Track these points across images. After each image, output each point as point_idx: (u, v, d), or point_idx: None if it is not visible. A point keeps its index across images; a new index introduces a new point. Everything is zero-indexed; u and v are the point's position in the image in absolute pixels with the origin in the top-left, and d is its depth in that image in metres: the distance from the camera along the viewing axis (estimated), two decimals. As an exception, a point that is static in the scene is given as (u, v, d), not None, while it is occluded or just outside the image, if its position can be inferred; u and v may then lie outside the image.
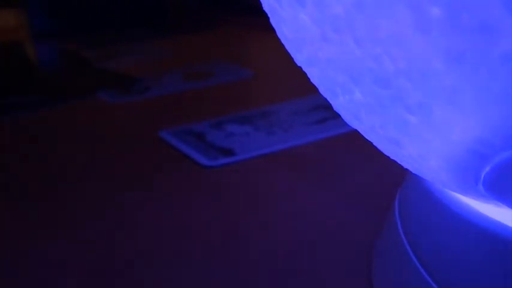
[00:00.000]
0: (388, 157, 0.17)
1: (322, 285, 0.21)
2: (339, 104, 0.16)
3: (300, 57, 0.16)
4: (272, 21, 0.16)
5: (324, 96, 0.16)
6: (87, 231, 0.25)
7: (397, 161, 0.17)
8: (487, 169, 0.13)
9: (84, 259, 0.23)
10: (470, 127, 0.13)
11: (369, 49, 0.13)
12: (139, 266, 0.22)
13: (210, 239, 0.24)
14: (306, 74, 0.16)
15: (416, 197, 0.19)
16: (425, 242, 0.18)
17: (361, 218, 0.25)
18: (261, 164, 0.31)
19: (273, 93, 0.42)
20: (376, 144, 0.16)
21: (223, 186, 0.29)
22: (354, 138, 0.19)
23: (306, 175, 0.29)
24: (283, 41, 0.16)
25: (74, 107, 0.40)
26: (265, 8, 0.16)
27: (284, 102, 0.39)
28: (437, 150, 0.14)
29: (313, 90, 0.17)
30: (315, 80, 0.16)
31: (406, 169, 0.17)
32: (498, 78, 0.11)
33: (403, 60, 0.12)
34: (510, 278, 0.15)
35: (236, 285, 0.21)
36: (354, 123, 0.16)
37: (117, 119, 0.38)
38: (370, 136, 0.16)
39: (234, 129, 0.35)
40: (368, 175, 0.29)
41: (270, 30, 0.17)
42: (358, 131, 0.17)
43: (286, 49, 0.16)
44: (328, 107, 0.17)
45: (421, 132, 0.14)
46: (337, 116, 0.17)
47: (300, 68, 0.16)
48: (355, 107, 0.15)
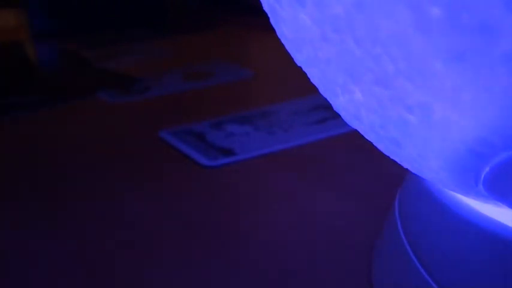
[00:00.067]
0: (388, 157, 0.17)
1: (322, 285, 0.21)
2: (339, 104, 0.16)
3: (300, 57, 0.16)
4: (272, 21, 0.16)
5: (324, 96, 0.16)
6: (87, 231, 0.25)
7: (397, 161, 0.17)
8: (487, 169, 0.13)
9: (84, 259, 0.23)
10: (470, 127, 0.13)
11: (369, 49, 0.13)
12: (139, 266, 0.22)
13: (210, 239, 0.24)
14: (306, 74, 0.16)
15: (416, 197, 0.19)
16: (425, 242, 0.18)
17: (361, 218, 0.25)
18: (261, 164, 0.31)
19: (273, 93, 0.42)
20: (376, 144, 0.16)
21: (223, 186, 0.29)
22: (354, 138, 0.19)
23: (306, 175, 0.29)
24: (283, 41, 0.16)
25: (74, 107, 0.40)
26: (265, 8, 0.16)
27: (284, 102, 0.39)
28: (437, 150, 0.14)
29: (313, 90, 0.17)
30: (315, 80, 0.16)
31: (406, 169, 0.17)
32: (498, 78, 0.11)
33: (403, 60, 0.12)
34: (510, 278, 0.15)
35: (236, 285, 0.21)
36: (354, 123, 0.16)
37: (117, 119, 0.38)
38: (370, 136, 0.16)
39: (234, 129, 0.35)
40: (368, 175, 0.29)
41: (270, 30, 0.17)
42: (358, 131, 0.17)
43: (286, 49, 0.16)
44: (328, 107, 0.17)
45: (421, 132, 0.14)
46: (337, 116, 0.17)
47: (300, 68, 0.16)
48: (355, 107, 0.15)
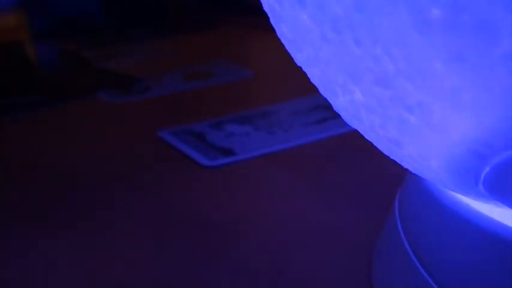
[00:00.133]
0: (388, 157, 0.17)
1: (322, 285, 0.21)
2: (339, 104, 0.16)
3: (300, 57, 0.16)
4: (272, 21, 0.16)
5: (324, 96, 0.16)
6: (87, 231, 0.25)
7: (397, 161, 0.17)
8: (487, 169, 0.13)
9: (83, 259, 0.23)
10: (470, 127, 0.13)
11: (369, 49, 0.13)
12: (138, 266, 0.22)
13: (210, 239, 0.24)
14: (306, 74, 0.16)
15: (416, 197, 0.19)
16: (425, 242, 0.18)
17: (361, 218, 0.25)
18: (261, 164, 0.31)
19: (273, 93, 0.42)
20: (376, 144, 0.16)
21: (223, 186, 0.29)
22: (354, 138, 0.19)
23: (306, 175, 0.29)
24: (283, 41, 0.16)
25: (74, 107, 0.40)
26: (265, 8, 0.16)
27: (284, 102, 0.39)
28: (437, 150, 0.14)
29: (313, 90, 0.17)
30: (315, 80, 0.16)
31: (406, 169, 0.17)
32: (498, 78, 0.11)
33: (403, 60, 0.12)
34: (510, 278, 0.15)
35: (236, 285, 0.21)
36: (354, 123, 0.16)
37: (117, 119, 0.38)
38: (370, 136, 0.16)
39: (234, 129, 0.35)
40: (368, 175, 0.29)
41: (270, 30, 0.17)
42: (358, 131, 0.17)
43: (286, 49, 0.16)
44: (328, 107, 0.17)
45: (421, 132, 0.14)
46: (337, 116, 0.17)
47: (300, 68, 0.16)
48: (355, 107, 0.15)
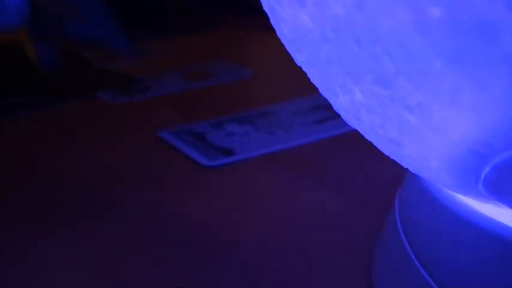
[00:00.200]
0: (388, 157, 0.17)
1: (322, 285, 0.21)
2: (339, 104, 0.16)
3: (300, 57, 0.16)
4: (272, 21, 0.16)
5: (324, 96, 0.16)
6: (86, 231, 0.25)
7: (397, 161, 0.17)
8: (487, 169, 0.13)
9: (82, 258, 0.23)
10: (470, 127, 0.13)
11: (369, 49, 0.13)
12: (138, 266, 0.22)
13: (210, 239, 0.24)
14: (306, 74, 0.16)
15: (416, 197, 0.19)
16: (425, 242, 0.18)
17: (361, 218, 0.25)
18: (261, 164, 0.31)
19: (273, 93, 0.42)
20: (376, 144, 0.16)
21: (223, 186, 0.29)
22: (354, 138, 0.19)
23: (306, 175, 0.29)
24: (283, 41, 0.16)
25: (74, 107, 0.40)
26: (265, 8, 0.16)
27: (284, 102, 0.39)
28: (437, 150, 0.14)
29: (313, 90, 0.17)
30: (315, 80, 0.16)
31: (406, 169, 0.17)
32: (498, 78, 0.11)
33: (403, 60, 0.12)
34: (510, 277, 0.15)
35: (236, 285, 0.21)
36: (354, 123, 0.16)
37: (117, 119, 0.38)
38: (370, 136, 0.16)
39: (234, 129, 0.35)
40: (368, 175, 0.29)
41: (270, 30, 0.17)
42: (358, 131, 0.17)
43: (286, 49, 0.16)
44: (328, 107, 0.17)
45: (421, 132, 0.14)
46: (337, 116, 0.17)
47: (300, 68, 0.16)
48: (355, 107, 0.15)
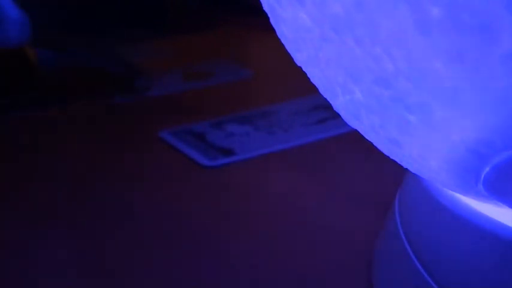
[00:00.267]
0: (388, 157, 0.17)
1: (322, 285, 0.21)
2: (339, 104, 0.16)
3: (300, 57, 0.16)
4: (272, 21, 0.16)
5: (324, 96, 0.16)
6: (87, 231, 0.25)
7: (397, 161, 0.17)
8: (487, 169, 0.13)
9: (83, 257, 0.23)
10: (470, 127, 0.13)
11: (369, 49, 0.13)
12: (138, 266, 0.22)
13: (210, 239, 0.24)
14: (306, 74, 0.16)
15: (416, 196, 0.19)
16: (425, 242, 0.18)
17: (361, 218, 0.25)
18: (261, 164, 0.31)
19: (273, 93, 0.42)
20: (376, 144, 0.16)
21: (223, 186, 0.29)
22: (354, 138, 0.19)
23: (306, 175, 0.29)
24: (283, 41, 0.16)
25: (74, 107, 0.40)
26: (265, 8, 0.16)
27: (284, 102, 0.39)
28: (437, 150, 0.14)
29: (313, 90, 0.17)
30: (315, 80, 0.16)
31: (406, 169, 0.17)
32: (498, 78, 0.11)
33: (403, 60, 0.12)
34: (510, 278, 0.15)
35: (236, 285, 0.21)
36: (354, 123, 0.16)
37: (117, 119, 0.38)
38: (370, 136, 0.16)
39: (234, 129, 0.35)
40: (368, 175, 0.29)
41: (270, 30, 0.17)
42: (358, 131, 0.17)
43: (286, 49, 0.16)
44: (328, 107, 0.17)
45: (421, 132, 0.14)
46: (337, 116, 0.17)
47: (300, 68, 0.16)
48: (355, 107, 0.15)
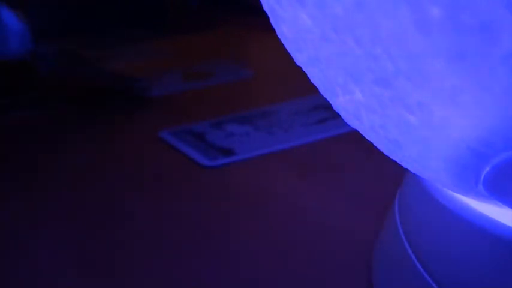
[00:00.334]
0: (388, 157, 0.17)
1: (322, 285, 0.21)
2: (339, 104, 0.16)
3: (300, 57, 0.16)
4: (272, 21, 0.16)
5: (324, 96, 0.16)
6: (87, 231, 0.25)
7: (397, 161, 0.17)
8: (487, 169, 0.13)
9: (83, 258, 0.23)
10: (470, 127, 0.13)
11: (369, 49, 0.13)
12: (138, 266, 0.22)
13: (210, 238, 0.24)
14: (306, 74, 0.16)
15: (416, 196, 0.19)
16: (425, 242, 0.18)
17: (361, 218, 0.25)
18: (261, 164, 0.31)
19: (273, 93, 0.42)
20: (376, 144, 0.16)
21: (223, 186, 0.29)
22: (354, 138, 0.19)
23: (306, 175, 0.29)
24: (283, 41, 0.16)
25: (73, 107, 0.40)
26: (265, 8, 0.16)
27: (284, 102, 0.39)
28: (437, 150, 0.14)
29: (313, 90, 0.17)
30: (315, 80, 0.16)
31: (406, 169, 0.17)
32: (498, 78, 0.11)
33: (403, 60, 0.12)
34: (510, 278, 0.15)
35: (236, 285, 0.21)
36: (354, 123, 0.16)
37: (117, 119, 0.38)
38: (370, 136, 0.16)
39: (234, 129, 0.35)
40: (368, 175, 0.29)
41: (270, 30, 0.17)
42: (358, 131, 0.17)
43: (286, 49, 0.16)
44: (328, 107, 0.17)
45: (421, 132, 0.14)
46: (337, 116, 0.17)
47: (300, 68, 0.16)
48: (355, 107, 0.15)
